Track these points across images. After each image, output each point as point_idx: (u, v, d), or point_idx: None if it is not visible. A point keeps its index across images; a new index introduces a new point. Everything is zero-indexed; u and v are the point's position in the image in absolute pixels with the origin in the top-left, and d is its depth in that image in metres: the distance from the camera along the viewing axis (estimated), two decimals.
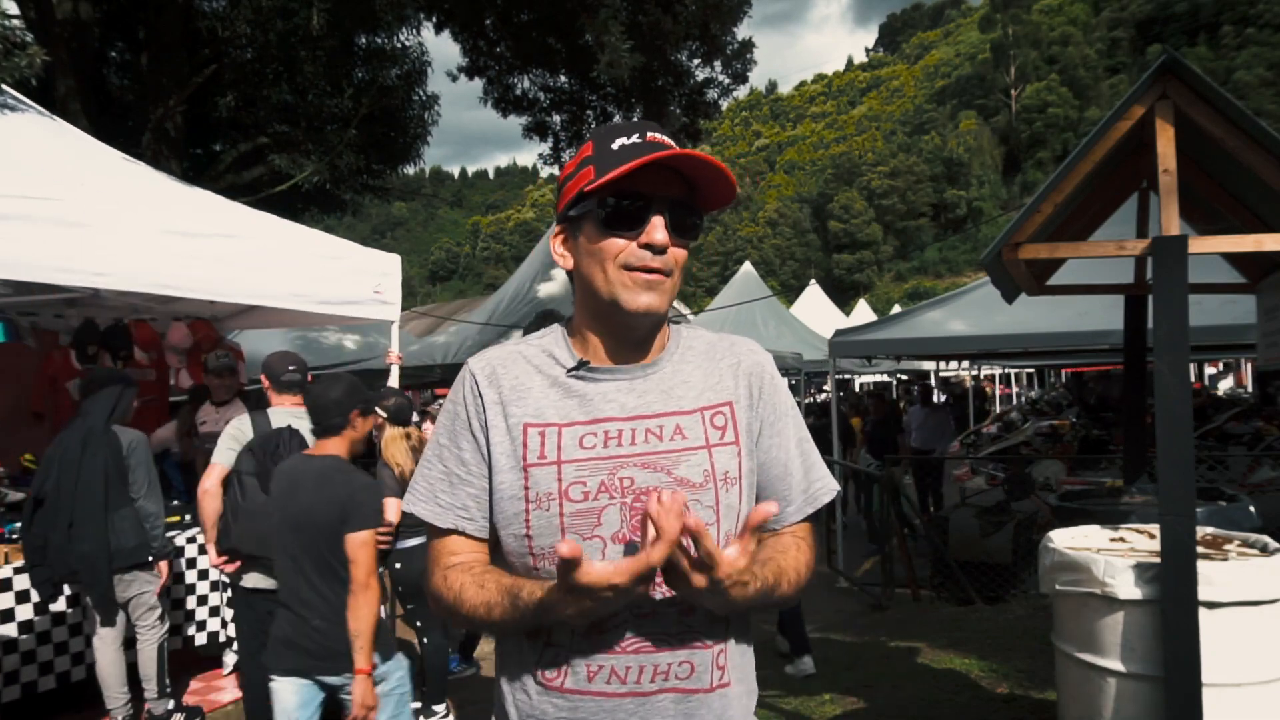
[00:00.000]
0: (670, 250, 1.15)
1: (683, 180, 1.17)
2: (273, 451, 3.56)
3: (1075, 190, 2.85)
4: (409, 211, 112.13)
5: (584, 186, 1.15)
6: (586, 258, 1.18)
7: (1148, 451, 3.80)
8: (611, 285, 1.15)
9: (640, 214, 1.14)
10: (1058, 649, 2.93)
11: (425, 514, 1.22)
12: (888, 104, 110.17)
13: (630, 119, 9.46)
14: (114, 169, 4.58)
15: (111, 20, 8.70)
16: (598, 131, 1.21)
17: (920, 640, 5.23)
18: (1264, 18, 70.01)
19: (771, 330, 15.99)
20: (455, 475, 1.21)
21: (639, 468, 1.15)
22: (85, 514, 3.79)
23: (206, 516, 3.70)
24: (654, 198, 1.14)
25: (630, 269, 1.14)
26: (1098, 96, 78.55)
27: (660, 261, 1.15)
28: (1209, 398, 11.29)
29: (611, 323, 1.20)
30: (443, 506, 1.21)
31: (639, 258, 1.14)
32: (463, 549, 1.22)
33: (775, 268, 78.22)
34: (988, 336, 7.29)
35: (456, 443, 1.22)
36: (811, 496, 1.29)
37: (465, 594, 1.15)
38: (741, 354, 1.29)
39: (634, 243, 1.14)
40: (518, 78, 9.77)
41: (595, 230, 1.16)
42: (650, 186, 1.14)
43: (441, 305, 20.85)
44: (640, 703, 1.13)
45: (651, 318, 1.17)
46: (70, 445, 3.86)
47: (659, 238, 1.13)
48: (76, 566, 3.78)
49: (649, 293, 1.15)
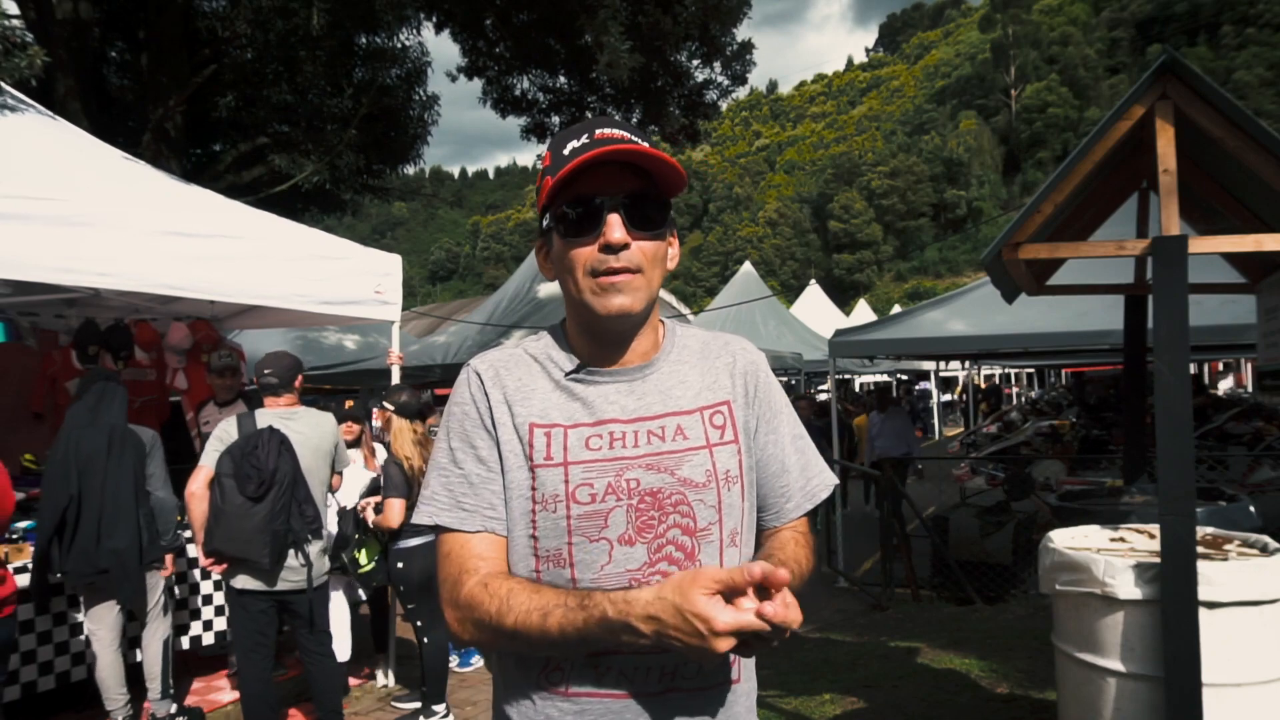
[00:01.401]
0: (635, 246, 1.13)
1: (639, 173, 1.14)
2: (250, 453, 3.59)
3: (1075, 190, 2.85)
4: (409, 211, 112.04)
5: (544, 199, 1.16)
6: (560, 269, 1.18)
7: (1148, 451, 3.80)
8: (583, 294, 1.14)
9: (595, 217, 1.12)
10: (1058, 649, 2.93)
11: (452, 522, 1.16)
12: (888, 104, 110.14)
13: (629, 120, 9.47)
14: (114, 169, 4.58)
15: (111, 20, 8.70)
16: (555, 137, 1.19)
17: (920, 640, 5.23)
18: (1264, 18, 70.03)
19: (771, 330, 16.00)
20: (476, 475, 1.18)
21: (644, 469, 1.15)
22: (118, 512, 3.80)
23: (195, 518, 3.73)
24: (607, 198, 1.12)
25: (596, 274, 1.13)
26: (1098, 96, 78.54)
27: (623, 260, 1.12)
28: (1209, 398, 11.28)
29: (594, 328, 1.19)
30: (468, 510, 1.17)
31: (600, 261, 1.12)
32: (490, 552, 1.16)
33: (775, 268, 78.20)
34: (988, 336, 7.29)
35: (471, 442, 1.19)
36: (810, 493, 1.29)
37: (516, 598, 1.07)
38: (736, 353, 1.29)
39: (594, 247, 1.12)
40: (517, 78, 9.77)
41: (560, 241, 1.16)
42: (601, 185, 1.12)
43: (441, 305, 20.86)
44: (647, 702, 1.13)
45: (628, 319, 1.16)
46: (94, 446, 3.81)
47: (616, 237, 1.11)
48: (106, 565, 3.75)
49: (618, 295, 1.13)
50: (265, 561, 3.59)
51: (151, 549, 3.98)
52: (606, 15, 7.39)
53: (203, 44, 8.35)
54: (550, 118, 9.95)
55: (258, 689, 3.72)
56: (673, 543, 1.14)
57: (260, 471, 3.60)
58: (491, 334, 8.28)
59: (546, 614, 1.04)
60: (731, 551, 1.19)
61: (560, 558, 1.13)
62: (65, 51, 7.32)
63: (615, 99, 9.41)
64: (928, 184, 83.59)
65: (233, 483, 3.59)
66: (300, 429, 3.82)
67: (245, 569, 3.64)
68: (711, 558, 1.16)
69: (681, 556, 1.14)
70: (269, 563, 3.60)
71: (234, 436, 3.70)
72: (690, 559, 1.15)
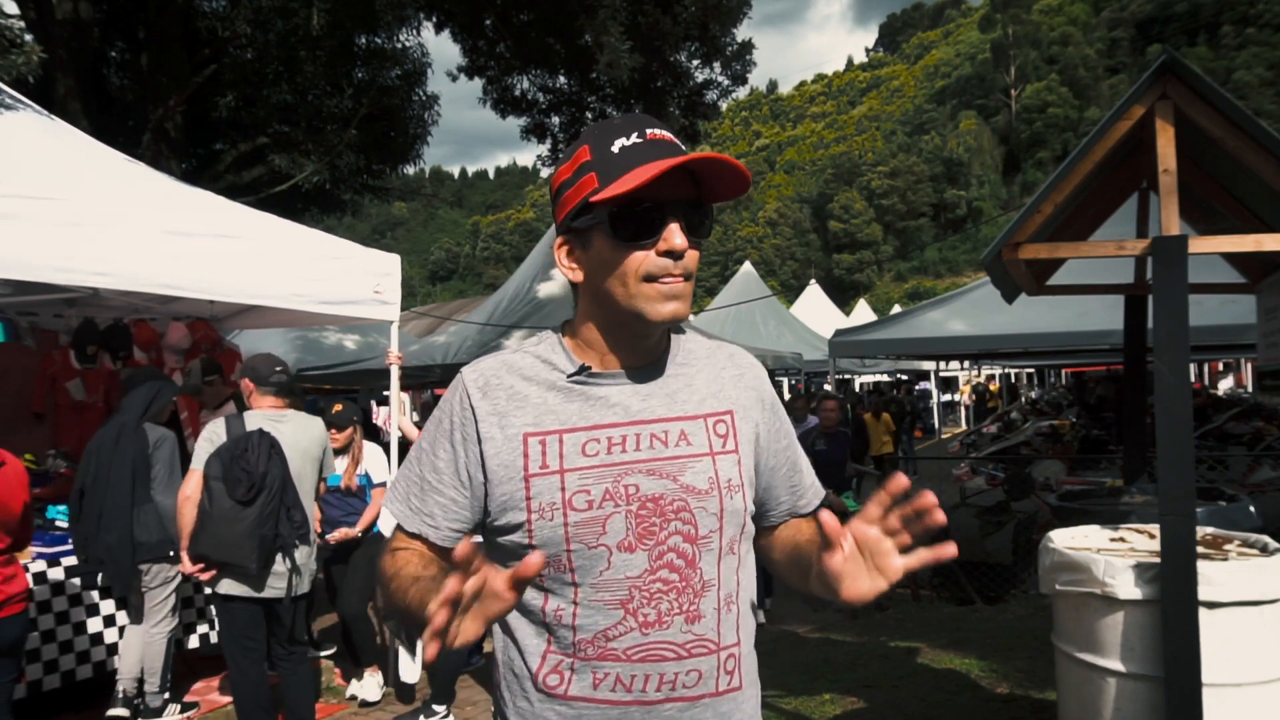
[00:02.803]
0: (687, 253, 1.12)
1: (691, 178, 1.13)
2: (240, 455, 3.50)
3: (1075, 190, 2.85)
4: (409, 211, 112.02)
5: (588, 196, 1.10)
6: (601, 270, 1.13)
7: (1148, 451, 3.80)
8: (634, 299, 1.12)
9: (655, 221, 1.10)
10: (1058, 649, 2.93)
11: (398, 514, 1.24)
12: (888, 104, 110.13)
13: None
14: (112, 169, 4.57)
15: (111, 20, 8.71)
16: (592, 132, 1.15)
17: (920, 640, 5.23)
18: (1264, 18, 70.04)
19: (771, 330, 16.01)
20: (427, 481, 1.21)
21: (644, 474, 1.14)
22: (113, 506, 3.89)
23: (184, 523, 3.59)
24: (667, 203, 1.10)
25: (652, 279, 1.11)
26: (1098, 96, 78.54)
27: (680, 266, 1.11)
28: (1209, 398, 11.27)
29: (627, 331, 1.17)
30: (412, 510, 1.22)
31: (660, 267, 1.10)
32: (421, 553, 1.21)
33: (775, 268, 78.20)
34: (988, 336, 7.30)
35: (434, 450, 1.21)
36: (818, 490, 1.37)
37: (406, 568, 1.14)
38: (743, 366, 1.30)
39: (652, 252, 1.10)
40: (517, 78, 9.77)
41: (608, 243, 1.11)
42: (662, 191, 1.08)
43: (441, 305, 20.83)
44: (646, 711, 1.12)
45: (676, 324, 1.17)
46: (106, 439, 4.00)
47: (679, 243, 1.09)
48: (103, 556, 3.89)
49: (673, 301, 1.12)
50: (253, 567, 3.48)
51: (157, 547, 4.00)
52: (606, 15, 7.40)
53: (203, 44, 8.35)
54: (550, 118, 9.96)
55: (251, 692, 3.63)
56: (674, 550, 1.13)
57: (250, 474, 3.50)
58: (491, 334, 8.26)
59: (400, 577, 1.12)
60: (729, 559, 1.18)
61: (560, 563, 1.12)
62: (65, 51, 7.32)
63: (615, 99, 9.41)
64: (928, 184, 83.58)
65: (221, 486, 3.48)
66: (289, 432, 3.71)
67: (231, 574, 3.53)
68: (711, 566, 1.16)
69: (682, 564, 1.14)
70: (256, 568, 3.49)
71: (223, 438, 3.58)
72: (691, 566, 1.14)
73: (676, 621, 1.12)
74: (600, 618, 1.12)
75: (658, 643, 1.12)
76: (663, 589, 1.12)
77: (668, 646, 1.12)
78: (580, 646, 1.12)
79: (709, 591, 1.15)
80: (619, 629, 1.11)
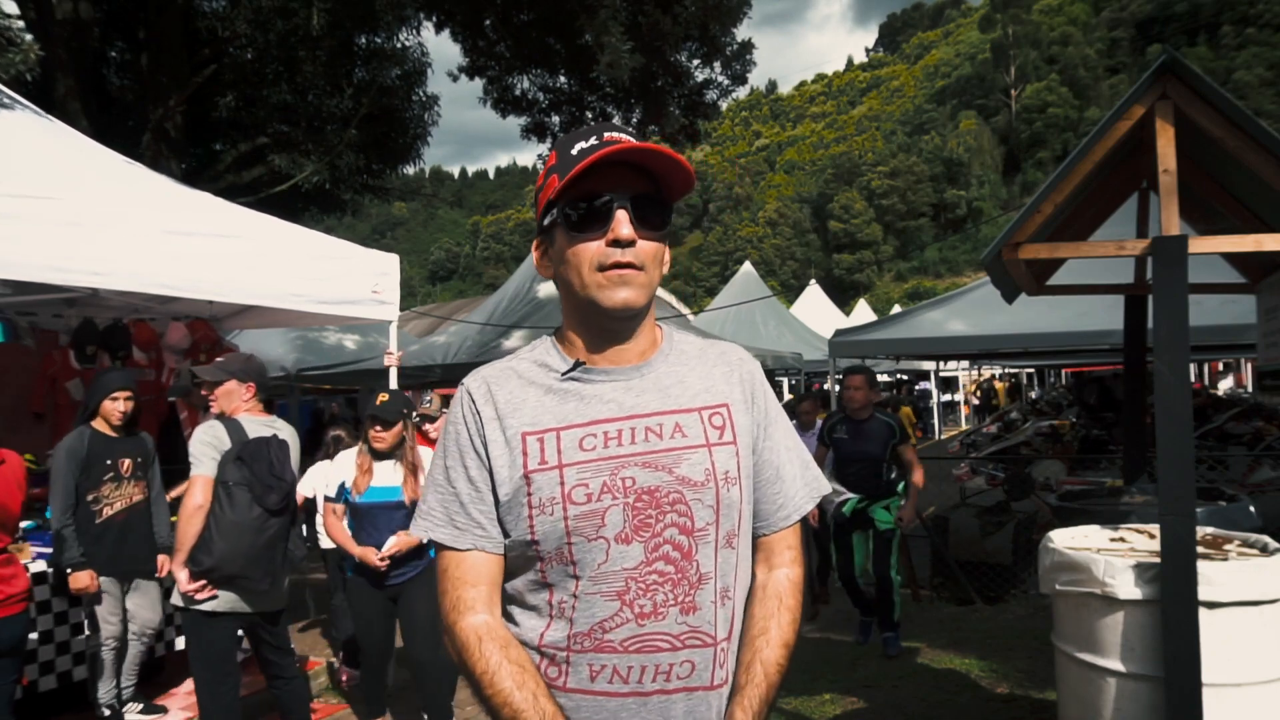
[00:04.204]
0: (639, 244, 1.16)
1: (645, 175, 1.19)
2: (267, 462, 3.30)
3: (1075, 190, 2.85)
4: (409, 211, 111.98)
5: (551, 196, 1.19)
6: (562, 264, 1.21)
7: (1148, 451, 3.80)
8: (588, 288, 1.17)
9: (603, 213, 1.16)
10: (1058, 649, 2.93)
11: (445, 538, 1.21)
12: (888, 104, 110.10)
13: (630, 120, 9.47)
14: (111, 169, 4.58)
15: (111, 20, 8.72)
16: (561, 140, 1.24)
17: (920, 640, 5.23)
18: (1264, 18, 70.03)
19: (771, 330, 16.02)
20: (468, 494, 1.21)
21: (640, 467, 1.16)
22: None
23: (189, 535, 3.21)
24: (615, 195, 1.16)
25: (603, 268, 1.16)
26: (1098, 96, 78.51)
27: (629, 255, 1.16)
28: (1209, 398, 11.27)
29: (595, 323, 1.22)
30: (460, 528, 1.21)
31: (608, 255, 1.16)
32: (482, 576, 1.20)
33: (775, 268, 78.16)
34: (988, 336, 7.30)
35: (464, 462, 1.22)
36: (798, 505, 1.32)
37: (500, 680, 1.13)
38: (734, 361, 1.31)
39: (602, 242, 1.16)
40: (517, 78, 9.78)
41: (565, 236, 1.19)
42: (610, 185, 1.16)
43: (441, 305, 20.84)
44: (642, 702, 1.14)
45: (630, 312, 1.19)
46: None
47: (624, 232, 1.15)
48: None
49: (624, 288, 1.16)
50: (264, 583, 3.25)
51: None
52: (606, 15, 7.40)
53: (203, 44, 8.36)
54: (550, 118, 9.97)
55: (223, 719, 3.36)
56: (669, 542, 1.15)
57: (283, 482, 3.31)
58: (491, 334, 8.27)
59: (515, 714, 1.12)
60: (727, 554, 1.19)
61: (562, 555, 1.14)
62: (65, 51, 7.33)
63: (615, 99, 9.42)
64: (928, 184, 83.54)
65: (246, 493, 3.21)
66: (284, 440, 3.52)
67: (232, 587, 3.23)
68: (708, 558, 1.17)
69: (678, 556, 1.15)
70: (267, 584, 3.27)
71: (227, 443, 3.30)
72: (687, 559, 1.15)
73: (672, 613, 1.14)
74: (598, 609, 1.13)
75: (653, 634, 1.13)
76: (659, 580, 1.14)
77: (663, 637, 1.14)
78: (578, 639, 1.14)
79: (705, 584, 1.16)
80: (615, 620, 1.13)
